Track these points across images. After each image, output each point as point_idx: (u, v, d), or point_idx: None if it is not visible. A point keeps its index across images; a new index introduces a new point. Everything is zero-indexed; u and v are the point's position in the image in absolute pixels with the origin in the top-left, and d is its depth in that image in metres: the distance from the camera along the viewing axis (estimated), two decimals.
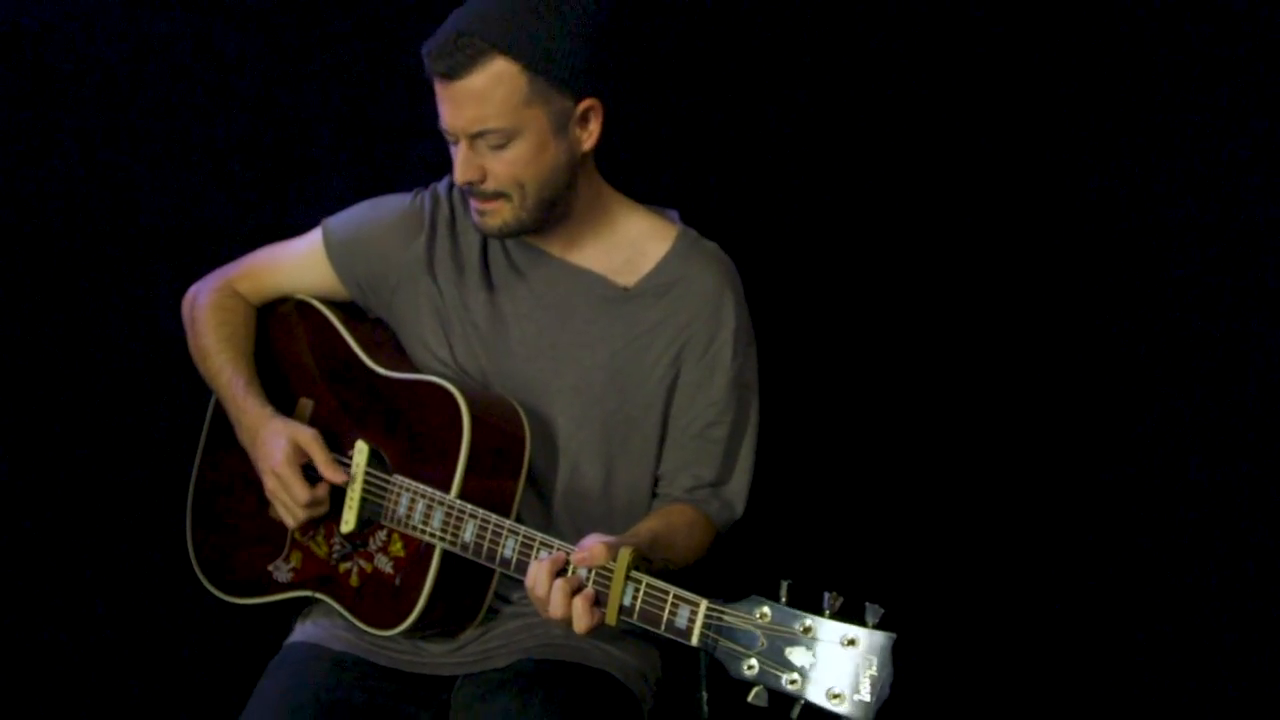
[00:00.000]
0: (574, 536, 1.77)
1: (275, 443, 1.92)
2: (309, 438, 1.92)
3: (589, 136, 1.87)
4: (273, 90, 2.55)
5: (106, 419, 2.62)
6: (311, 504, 1.91)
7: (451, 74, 1.79)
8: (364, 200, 2.08)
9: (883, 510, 2.48)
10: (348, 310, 2.10)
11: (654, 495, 1.98)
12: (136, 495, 2.59)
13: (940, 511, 2.48)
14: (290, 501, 1.92)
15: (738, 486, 1.97)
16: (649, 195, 2.03)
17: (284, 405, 2.04)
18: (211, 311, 2.07)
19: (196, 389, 2.12)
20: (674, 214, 2.03)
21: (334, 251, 2.04)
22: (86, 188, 2.58)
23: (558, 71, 1.80)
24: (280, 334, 2.10)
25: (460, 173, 1.84)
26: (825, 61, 2.45)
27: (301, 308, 2.10)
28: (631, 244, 1.96)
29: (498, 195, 1.85)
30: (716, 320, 1.93)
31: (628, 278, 1.95)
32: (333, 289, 2.07)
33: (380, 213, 2.04)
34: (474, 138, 1.82)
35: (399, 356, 2.03)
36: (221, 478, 2.08)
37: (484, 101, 1.79)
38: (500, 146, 1.82)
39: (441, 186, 2.03)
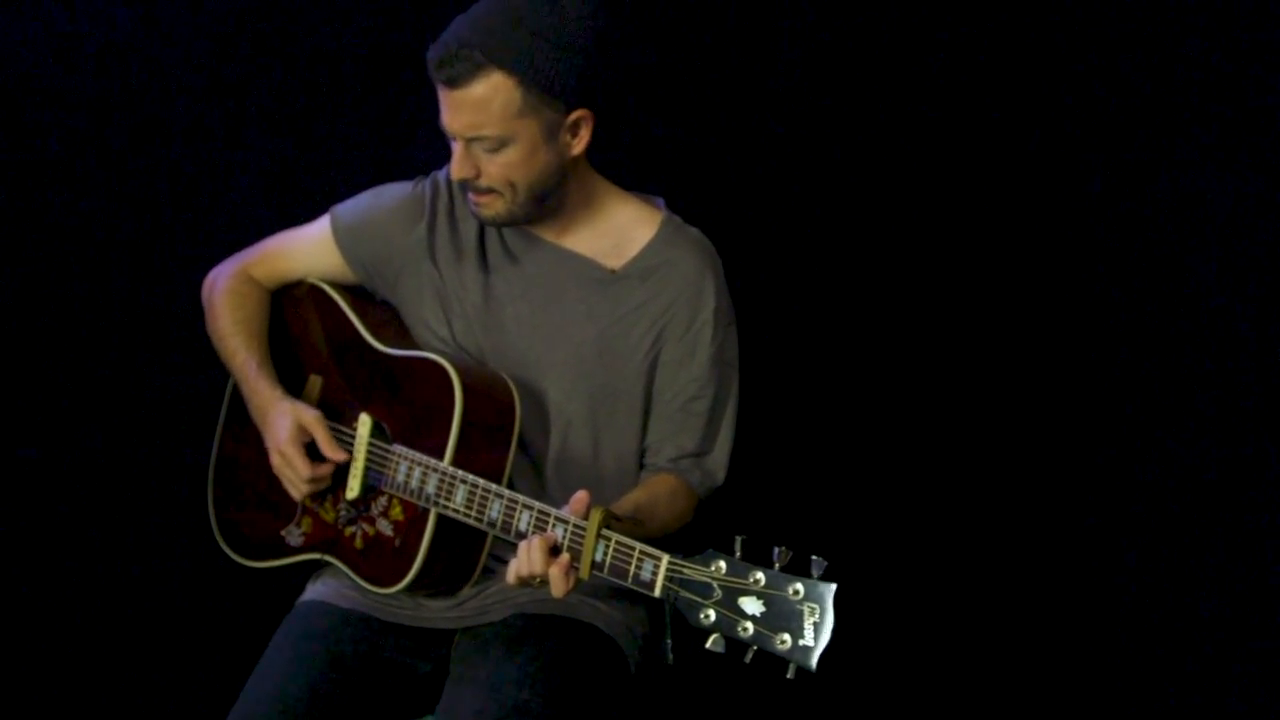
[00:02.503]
0: (564, 502, 1.95)
1: (281, 423, 2.15)
2: (313, 418, 2.14)
3: (579, 142, 2.07)
4: (286, 87, 2.76)
5: (132, 398, 2.85)
6: (313, 479, 2.13)
7: (451, 83, 1.99)
8: (369, 188, 2.26)
9: (833, 472, 2.68)
10: (356, 293, 2.30)
11: (641, 466, 2.18)
12: (159, 470, 2.83)
13: (886, 470, 2.67)
14: (294, 477, 2.14)
15: (719, 456, 2.16)
16: (635, 182, 2.22)
17: (296, 381, 2.26)
18: (228, 296, 2.28)
19: (216, 368, 2.35)
20: (660, 200, 2.22)
21: (341, 237, 2.24)
22: (109, 181, 2.79)
23: (551, 86, 1.99)
24: (293, 316, 2.31)
25: (457, 170, 2.05)
26: (807, 49, 2.62)
27: (313, 291, 2.30)
28: (619, 230, 2.15)
29: (490, 190, 2.06)
30: (698, 301, 2.12)
31: (615, 261, 2.14)
32: (341, 273, 2.27)
33: (384, 200, 2.24)
34: (470, 140, 2.02)
35: (402, 335, 2.23)
36: (239, 451, 2.29)
37: (480, 110, 1.98)
38: (494, 150, 2.02)
39: (441, 175, 2.22)
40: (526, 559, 1.89)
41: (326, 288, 2.29)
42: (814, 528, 2.56)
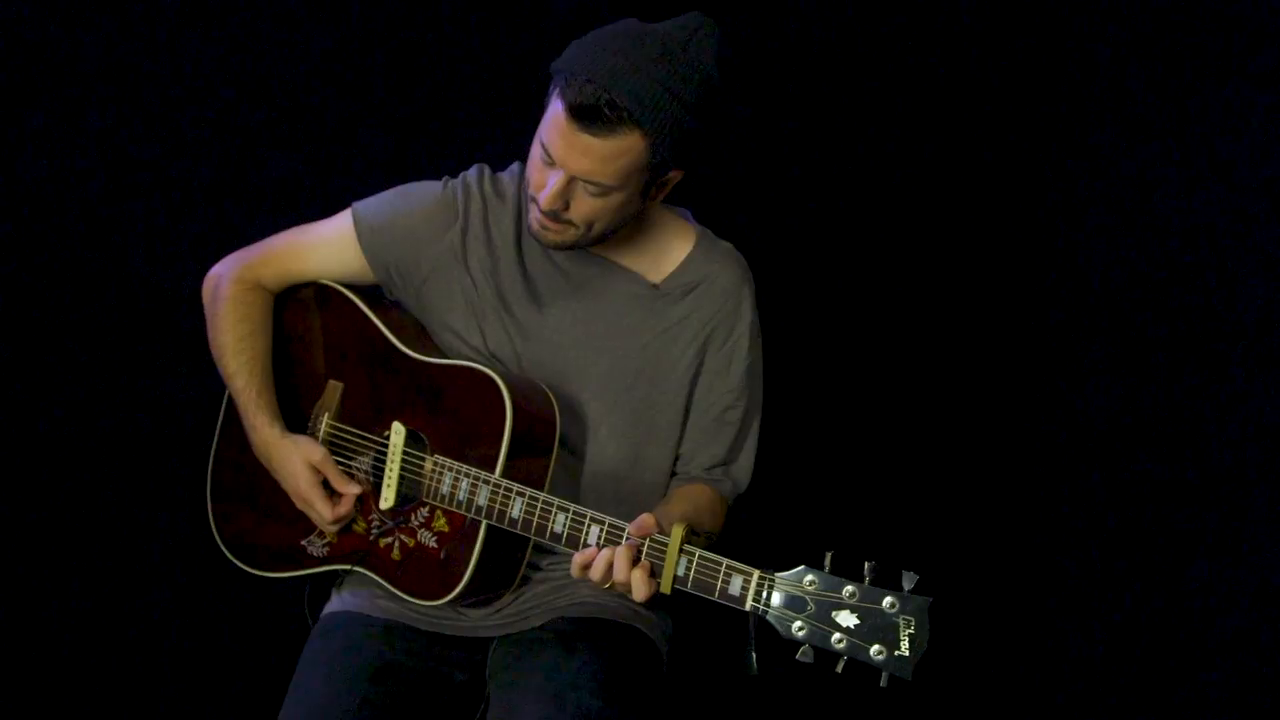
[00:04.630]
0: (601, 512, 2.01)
1: (290, 466, 2.16)
2: (320, 458, 2.15)
3: (661, 195, 2.12)
4: (282, 76, 2.74)
5: (133, 400, 2.79)
6: (338, 520, 2.15)
7: (588, 129, 1.98)
8: (391, 187, 2.24)
9: (906, 487, 2.80)
10: (367, 294, 2.28)
11: (673, 474, 2.25)
12: (156, 477, 2.78)
13: (951, 486, 2.79)
14: (320, 520, 2.16)
15: (745, 463, 2.26)
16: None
17: (312, 387, 2.25)
18: (232, 306, 2.24)
19: (212, 370, 2.31)
20: (687, 212, 2.29)
21: (365, 237, 2.21)
22: (106, 172, 2.73)
23: (674, 153, 2.02)
24: (302, 318, 2.28)
25: (549, 201, 2.04)
26: (817, 66, 2.74)
27: (323, 292, 2.27)
28: (657, 243, 2.22)
29: (568, 223, 2.08)
30: (736, 315, 2.21)
31: (655, 275, 2.20)
32: (359, 274, 2.25)
33: (413, 201, 2.22)
34: (575, 178, 2.02)
35: (427, 341, 2.24)
36: (244, 456, 2.26)
37: (607, 162, 2.00)
38: (596, 195, 2.03)
39: (472, 176, 2.22)
40: (606, 567, 1.94)
41: (340, 288, 2.27)
42: (869, 539, 2.68)
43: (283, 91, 2.75)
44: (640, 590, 1.93)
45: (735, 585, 1.90)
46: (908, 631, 1.82)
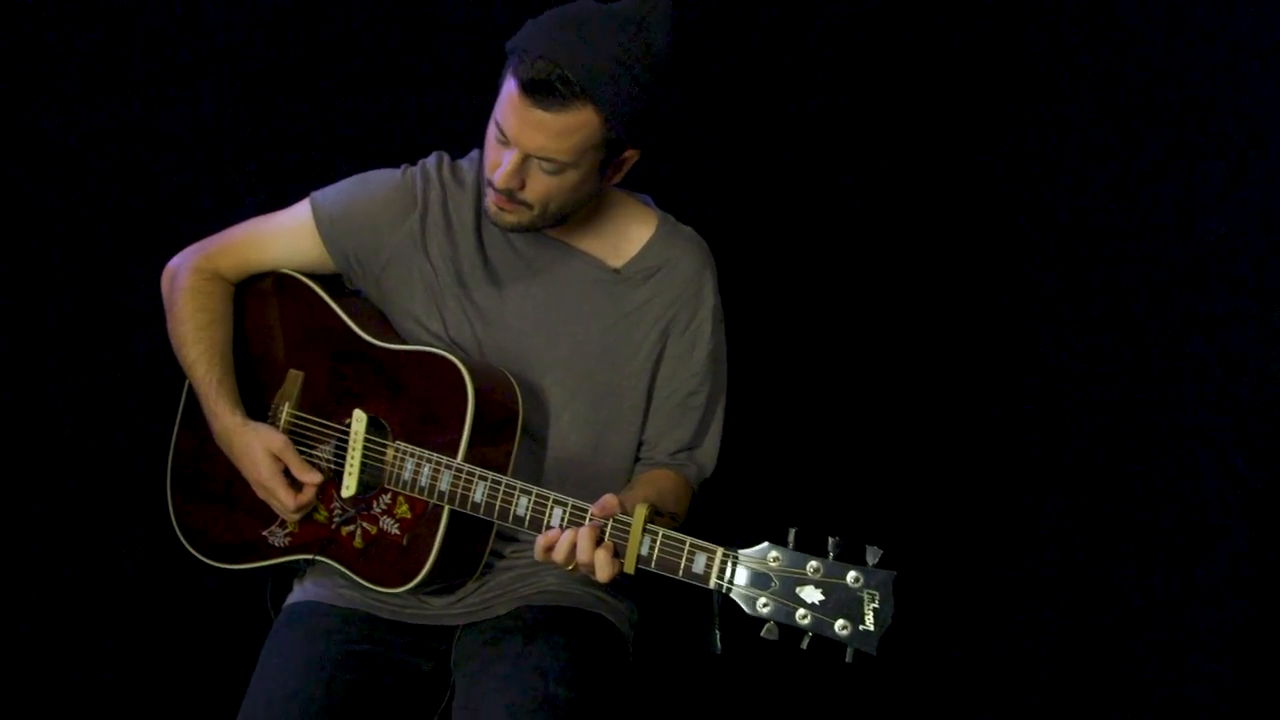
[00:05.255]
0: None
1: (251, 456, 2.15)
2: (280, 445, 2.14)
3: (618, 175, 2.13)
4: (245, 69, 2.73)
5: (83, 394, 2.78)
6: (300, 507, 2.14)
7: (540, 105, 1.98)
8: (350, 176, 2.24)
9: (868, 463, 2.82)
10: (327, 282, 2.28)
11: (637, 459, 2.25)
12: (116, 470, 2.76)
13: (915, 460, 2.81)
14: (282, 509, 2.15)
15: (710, 448, 2.26)
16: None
17: (273, 376, 2.24)
18: (190, 296, 2.24)
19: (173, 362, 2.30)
20: (648, 198, 2.29)
21: (324, 226, 2.22)
22: (62, 169, 2.73)
23: (629, 128, 2.03)
24: (263, 307, 2.28)
25: (504, 180, 2.05)
26: (786, 50, 2.75)
27: (283, 281, 2.27)
28: (618, 228, 2.22)
29: (524, 204, 2.08)
30: (698, 299, 2.21)
31: (616, 260, 2.21)
32: (319, 263, 2.25)
33: (371, 189, 2.22)
34: (531, 157, 2.03)
35: (387, 328, 2.24)
36: (203, 447, 2.25)
37: (561, 138, 2.00)
38: (551, 173, 2.04)
39: (430, 163, 2.23)
40: (570, 548, 1.94)
41: (300, 277, 2.27)
42: (833, 514, 2.69)
43: (241, 83, 2.74)
44: (604, 570, 1.93)
45: (699, 563, 1.90)
46: (872, 606, 1.82)
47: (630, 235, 2.23)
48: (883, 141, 2.77)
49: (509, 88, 2.02)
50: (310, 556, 2.19)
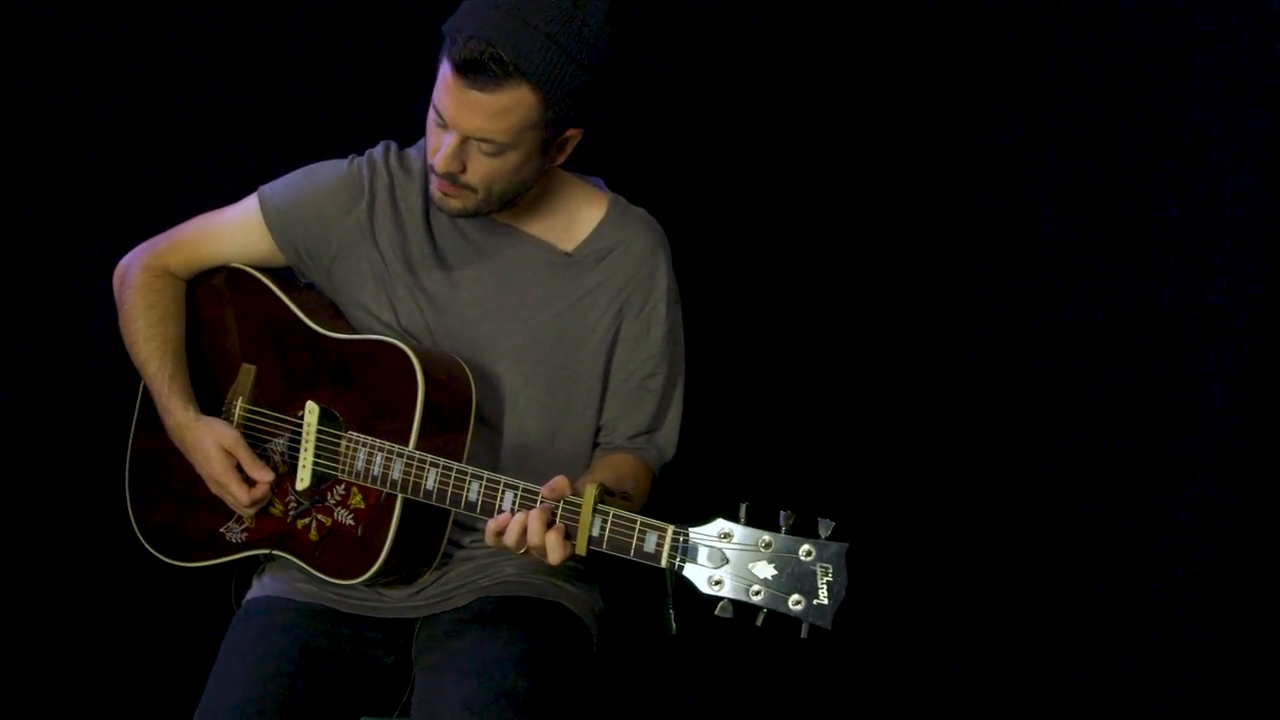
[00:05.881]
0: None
1: (203, 452, 2.14)
2: (232, 440, 2.13)
3: (561, 156, 2.12)
4: (196, 62, 2.73)
5: (41, 393, 2.77)
6: (254, 502, 2.13)
7: (475, 85, 1.97)
8: (298, 168, 2.24)
9: (819, 437, 2.81)
10: (279, 276, 2.27)
11: (595, 444, 2.23)
12: (75, 469, 2.75)
13: (869, 433, 2.82)
14: (235, 504, 2.14)
15: (670, 430, 2.24)
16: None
17: (226, 371, 2.23)
18: (141, 293, 2.23)
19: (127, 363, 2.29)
20: (599, 181, 2.28)
21: (272, 219, 2.21)
22: (11, 167, 2.73)
23: (567, 107, 2.02)
24: (215, 302, 2.27)
25: (443, 163, 2.03)
26: (740, 30, 2.75)
27: (234, 275, 2.26)
28: (568, 211, 2.21)
29: (466, 187, 2.07)
30: (651, 281, 2.19)
31: (568, 243, 2.19)
32: (269, 257, 2.24)
33: (318, 180, 2.22)
34: (469, 139, 2.02)
35: (339, 319, 2.23)
36: (160, 443, 2.24)
37: (497, 118, 1.99)
38: (490, 154, 2.03)
39: (378, 153, 2.22)
40: (520, 531, 1.93)
41: (252, 271, 2.26)
42: (790, 487, 2.68)
43: (191, 78, 2.74)
44: (555, 553, 1.91)
45: (650, 542, 1.88)
46: (825, 579, 1.80)
47: (581, 218, 2.21)
48: (839, 118, 2.76)
49: (444, 69, 2.01)
50: (267, 551, 2.17)
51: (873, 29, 2.73)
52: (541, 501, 1.94)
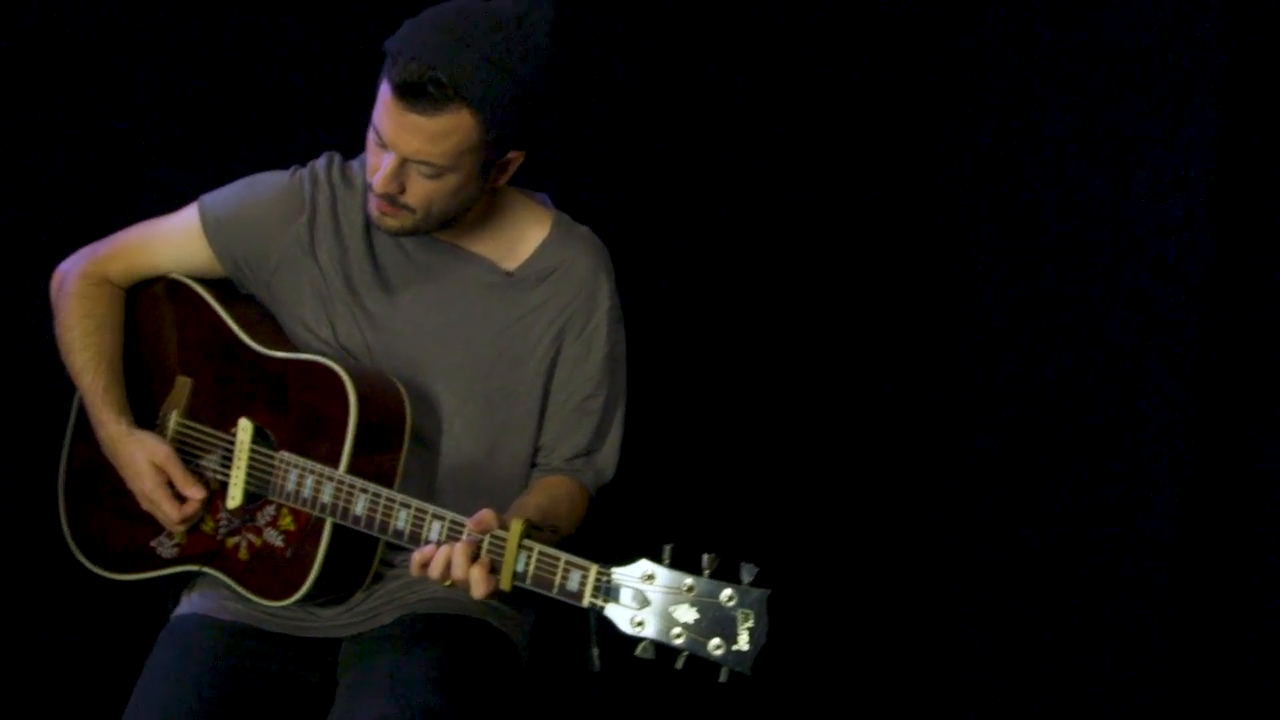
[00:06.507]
0: (458, 507, 1.98)
1: (134, 466, 2.12)
2: (164, 456, 2.11)
3: (503, 177, 2.10)
4: (132, 68, 2.70)
5: None
6: (185, 519, 2.12)
7: (414, 108, 1.95)
8: (240, 178, 2.22)
9: (750, 479, 2.80)
10: (221, 288, 2.25)
11: (533, 465, 2.22)
12: (4, 476, 2.74)
13: (801, 476, 2.80)
14: (166, 520, 2.13)
15: (609, 452, 2.23)
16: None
17: (163, 383, 2.22)
18: (78, 301, 2.21)
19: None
20: (545, 198, 2.25)
21: (211, 230, 2.19)
22: None
23: (506, 131, 2.00)
24: (153, 313, 2.25)
25: (381, 184, 2.02)
26: (688, 45, 2.73)
27: (174, 286, 2.24)
28: (511, 229, 2.18)
29: (405, 207, 2.05)
30: (593, 301, 2.18)
31: (510, 262, 2.17)
32: (208, 267, 2.22)
33: (259, 191, 2.19)
34: (409, 161, 2.00)
35: (277, 334, 2.20)
36: (95, 454, 2.22)
37: (436, 141, 1.97)
38: (429, 177, 2.01)
39: (320, 165, 2.19)
40: (445, 565, 1.92)
41: (191, 283, 2.23)
42: (717, 530, 2.66)
43: (141, 81, 2.71)
44: (479, 587, 1.90)
45: (574, 581, 1.87)
46: (746, 625, 1.79)
47: (525, 237, 2.19)
48: (787, 138, 2.74)
49: (384, 90, 1.99)
50: (195, 568, 2.16)
51: (819, 38, 2.72)
52: (467, 535, 1.93)
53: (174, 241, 2.22)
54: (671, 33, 2.72)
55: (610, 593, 1.85)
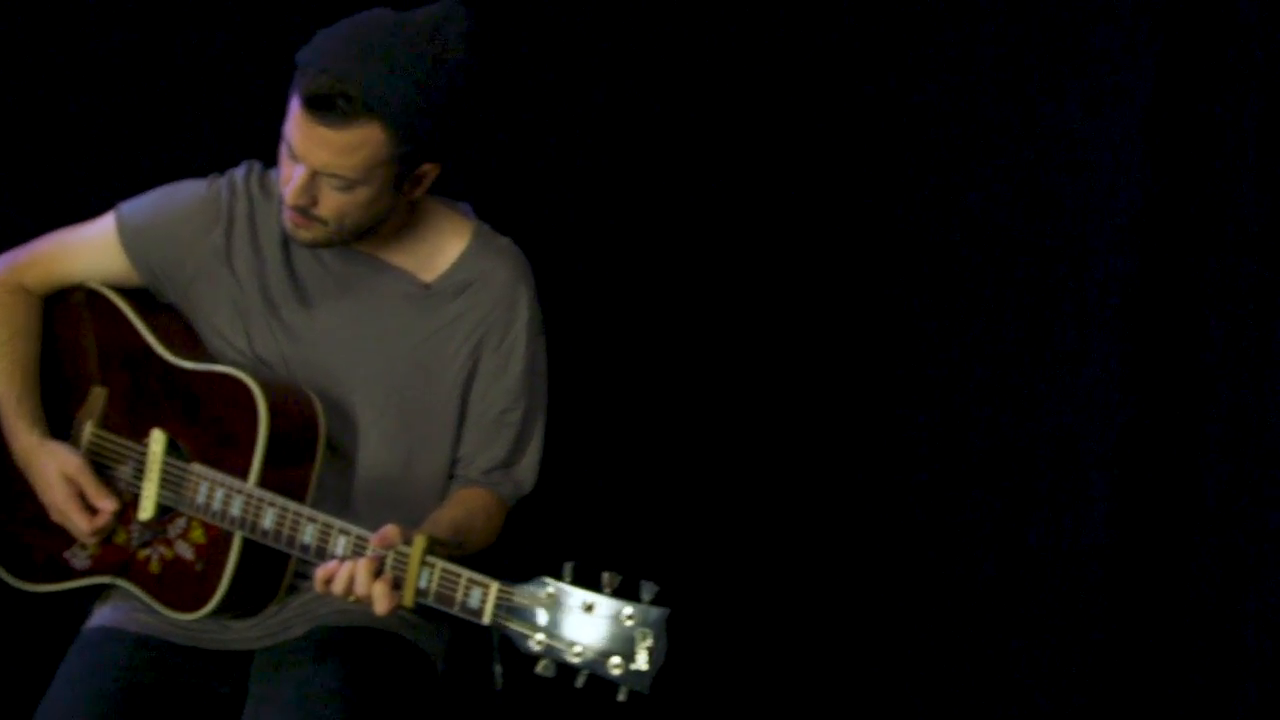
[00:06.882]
0: (374, 519, 1.97)
1: (46, 478, 2.12)
2: (75, 468, 2.11)
3: (419, 190, 2.08)
4: (59, 71, 2.69)
5: None
6: (96, 531, 2.11)
7: (322, 121, 1.95)
8: (158, 186, 2.21)
9: (656, 495, 2.80)
10: (140, 298, 2.23)
11: (451, 476, 2.21)
12: None
13: (710, 495, 2.81)
14: (77, 532, 2.12)
15: (528, 465, 2.22)
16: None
17: (77, 393, 2.20)
18: None
19: None
20: (467, 207, 2.24)
21: (127, 238, 2.18)
22: None
23: (419, 144, 1.99)
24: (70, 322, 2.23)
25: (293, 197, 2.01)
26: (613, 52, 2.72)
27: (92, 296, 2.23)
28: (430, 241, 2.17)
29: (318, 219, 2.04)
30: (512, 313, 2.16)
31: (428, 273, 2.16)
32: (125, 276, 2.21)
33: (176, 200, 2.18)
34: (319, 173, 1.99)
35: (194, 345, 2.19)
36: (9, 464, 2.20)
37: (345, 154, 1.96)
38: (340, 189, 2.00)
39: (239, 174, 2.18)
40: (348, 581, 1.91)
41: (108, 293, 2.22)
42: (621, 548, 2.67)
43: (61, 92, 2.70)
44: (381, 603, 1.89)
45: (475, 598, 1.86)
46: (645, 644, 1.78)
47: (444, 248, 2.18)
48: (712, 146, 2.74)
49: (294, 102, 1.98)
50: (108, 580, 2.15)
51: (752, 37, 2.72)
52: (371, 551, 1.92)
53: (91, 250, 2.21)
54: (602, 36, 2.71)
55: (511, 610, 1.84)
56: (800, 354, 2.79)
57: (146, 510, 2.11)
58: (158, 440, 2.11)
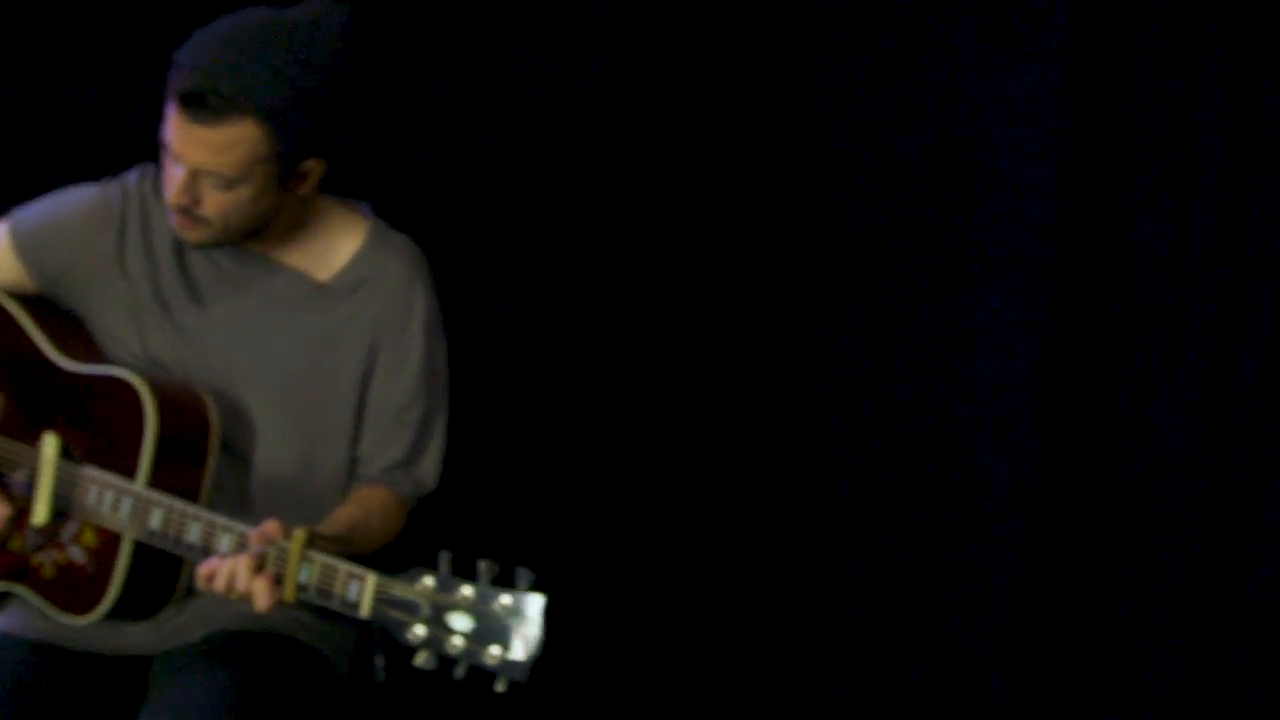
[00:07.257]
0: (274, 519, 1.95)
1: None
2: None
3: (306, 186, 2.09)
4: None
5: None
6: None
7: (196, 119, 1.96)
8: (52, 192, 2.22)
9: (535, 483, 2.81)
10: (37, 304, 2.23)
11: (352, 475, 2.20)
12: None
13: (588, 486, 2.81)
14: None
15: (429, 464, 2.21)
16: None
17: None
18: None
19: None
20: (366, 206, 2.24)
21: (21, 244, 2.18)
22: None
23: (297, 140, 2.00)
24: None
25: (175, 197, 2.02)
26: (511, 56, 2.73)
27: None
28: (324, 239, 2.17)
29: (202, 219, 2.05)
30: (408, 311, 2.16)
31: (323, 273, 2.16)
32: (20, 282, 2.20)
33: (68, 205, 2.19)
34: (198, 172, 2.00)
35: (89, 348, 2.19)
36: None
37: (221, 152, 1.97)
38: (221, 188, 2.01)
39: (132, 178, 2.19)
40: (229, 577, 1.91)
41: (2, 299, 2.22)
42: (520, 534, 2.67)
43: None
44: (261, 599, 1.89)
45: (353, 591, 1.85)
46: (521, 632, 1.77)
47: (339, 246, 2.18)
48: (619, 137, 2.74)
49: (170, 102, 1.99)
50: (6, 587, 2.15)
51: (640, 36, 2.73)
52: (251, 547, 1.91)
53: None
54: (498, 31, 2.72)
55: (390, 602, 1.83)
56: (696, 349, 2.80)
57: (40, 515, 2.10)
58: (50, 444, 2.10)
